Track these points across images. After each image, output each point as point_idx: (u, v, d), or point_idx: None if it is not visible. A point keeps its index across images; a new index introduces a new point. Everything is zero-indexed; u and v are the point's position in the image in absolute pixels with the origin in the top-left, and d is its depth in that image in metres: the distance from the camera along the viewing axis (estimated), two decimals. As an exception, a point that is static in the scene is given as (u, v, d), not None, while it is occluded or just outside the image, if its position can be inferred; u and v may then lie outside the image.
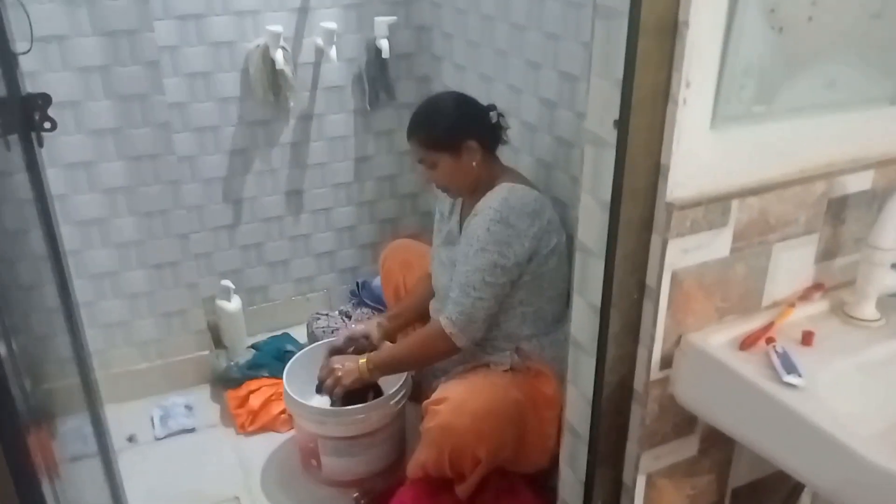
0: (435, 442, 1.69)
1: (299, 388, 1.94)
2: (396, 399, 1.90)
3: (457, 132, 1.73)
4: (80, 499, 1.39)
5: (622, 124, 1.00)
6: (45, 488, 0.99)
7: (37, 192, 1.35)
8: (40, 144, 1.33)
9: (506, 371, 1.76)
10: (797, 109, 1.09)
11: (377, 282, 2.39)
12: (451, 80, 2.33)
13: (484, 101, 1.82)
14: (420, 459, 1.76)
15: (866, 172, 1.17)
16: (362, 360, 1.82)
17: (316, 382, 1.90)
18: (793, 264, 1.18)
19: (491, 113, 1.78)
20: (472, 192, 1.79)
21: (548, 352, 1.77)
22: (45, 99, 1.29)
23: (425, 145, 1.76)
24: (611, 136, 1.04)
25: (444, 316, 1.71)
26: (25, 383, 1.06)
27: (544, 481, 1.83)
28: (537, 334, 1.78)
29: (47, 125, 1.30)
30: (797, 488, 1.36)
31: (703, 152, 1.03)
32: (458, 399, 1.67)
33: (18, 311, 1.30)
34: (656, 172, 1.03)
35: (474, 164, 1.75)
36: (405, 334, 2.07)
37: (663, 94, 0.99)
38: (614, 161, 1.03)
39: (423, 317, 2.02)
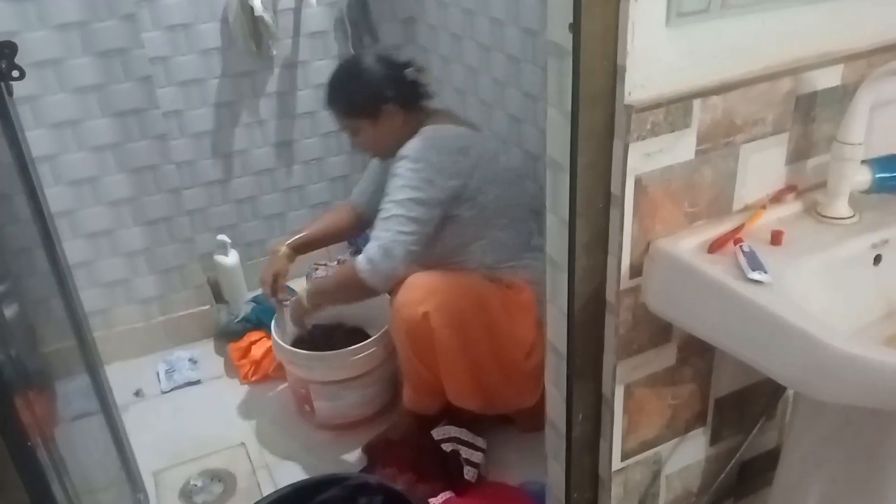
0: (395, 330, 1.73)
1: (289, 336, 1.97)
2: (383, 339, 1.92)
3: (372, 98, 1.73)
4: (86, 453, 1.43)
5: (576, 26, 0.98)
6: (38, 443, 1.02)
7: (11, 142, 1.36)
8: (9, 93, 1.33)
9: (475, 272, 1.77)
10: (759, 3, 1.06)
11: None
12: (435, 17, 2.30)
13: (468, 28, 1.81)
14: (403, 377, 1.80)
15: (835, 68, 1.14)
16: (301, 296, 1.86)
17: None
18: (763, 166, 1.16)
19: (406, 71, 1.76)
20: (399, 150, 1.78)
21: (520, 274, 1.77)
22: (11, 47, 1.28)
23: (342, 114, 1.78)
24: (568, 42, 1.03)
25: (362, 254, 1.67)
26: (14, 347, 1.08)
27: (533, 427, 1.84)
28: (501, 262, 1.78)
29: (15, 73, 1.30)
30: (776, 396, 1.36)
31: (660, 51, 1.01)
32: (411, 279, 1.69)
33: (9, 276, 1.33)
34: (614, 75, 1.01)
35: (395, 126, 1.74)
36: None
37: (615, -8, 0.97)
38: (572, 66, 1.01)
39: (328, 241, 2.08)
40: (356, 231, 2.06)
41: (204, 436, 2.02)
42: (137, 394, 2.19)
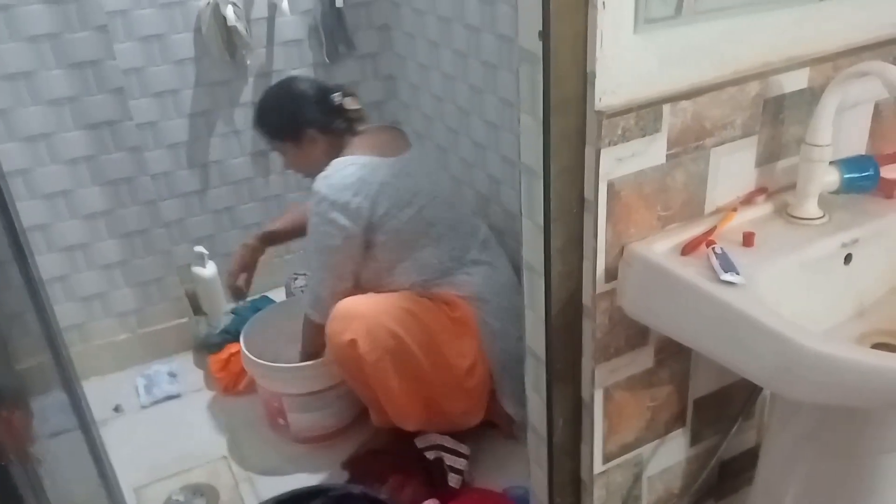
0: (329, 356, 1.77)
1: (261, 348, 1.96)
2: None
3: (294, 122, 1.78)
4: (64, 473, 1.41)
5: (545, 33, 0.99)
6: (16, 468, 1.01)
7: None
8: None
9: (410, 292, 1.78)
10: (725, 8, 1.07)
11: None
12: (411, 25, 2.30)
13: (445, 42, 1.82)
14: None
15: (801, 71, 1.16)
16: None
17: (276, 345, 2.00)
18: (733, 168, 1.18)
19: (333, 96, 1.79)
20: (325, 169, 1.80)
21: (452, 290, 1.77)
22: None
23: (268, 136, 1.86)
24: (539, 49, 1.03)
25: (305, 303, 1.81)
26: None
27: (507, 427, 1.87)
28: (431, 280, 1.78)
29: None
30: (753, 395, 1.38)
31: (629, 57, 1.02)
32: (338, 307, 1.72)
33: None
34: (584, 81, 1.02)
35: (319, 151, 1.78)
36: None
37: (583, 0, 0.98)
38: (542, 73, 1.02)
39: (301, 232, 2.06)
40: None
41: (185, 450, 2.00)
42: (116, 409, 2.17)
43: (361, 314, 1.67)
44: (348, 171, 1.70)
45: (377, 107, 2.51)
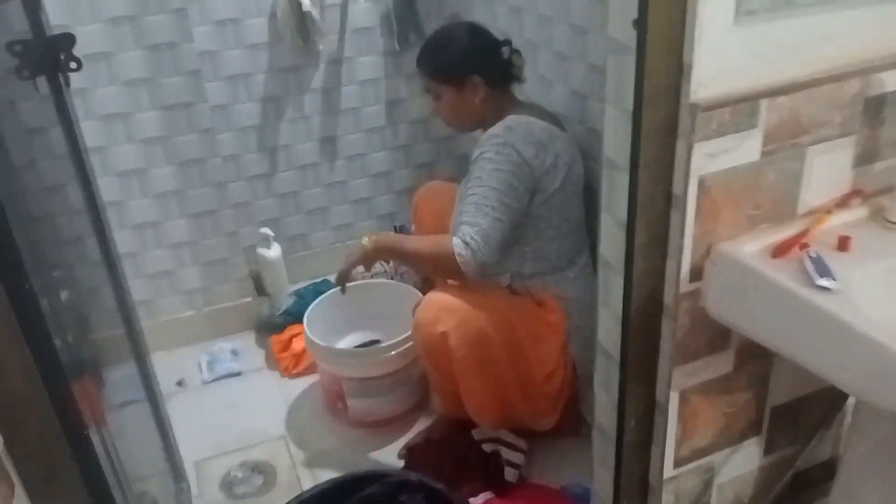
0: (416, 347, 1.71)
1: (322, 332, 1.97)
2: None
3: (461, 66, 1.72)
4: (132, 440, 1.45)
5: (641, 23, 0.96)
6: (93, 432, 1.03)
7: (68, 134, 1.38)
8: (67, 84, 1.35)
9: (504, 288, 1.73)
10: (828, 2, 1.02)
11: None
12: (480, 14, 2.28)
13: (515, 35, 1.79)
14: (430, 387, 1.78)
15: (907, 68, 1.10)
16: (366, 236, 1.73)
17: (337, 328, 1.97)
18: (829, 169, 1.13)
19: (503, 48, 1.73)
20: (477, 128, 1.76)
21: (553, 289, 1.73)
22: (69, 39, 1.30)
23: (430, 75, 1.76)
24: (631, 39, 1.01)
25: (458, 236, 1.58)
26: (69, 335, 1.10)
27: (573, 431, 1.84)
28: (541, 273, 1.73)
29: (73, 65, 1.32)
30: (837, 405, 1.32)
31: (727, 49, 0.98)
32: (431, 297, 1.67)
33: (63, 266, 1.35)
34: (679, 72, 0.99)
35: (476, 100, 1.72)
36: None
37: (683, -12, 0.94)
38: (635, 63, 0.99)
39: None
40: None
41: (245, 427, 2.04)
42: (180, 384, 2.21)
43: (455, 308, 1.63)
44: (533, 129, 1.63)
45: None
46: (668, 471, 1.28)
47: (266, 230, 2.36)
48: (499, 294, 1.72)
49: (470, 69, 1.70)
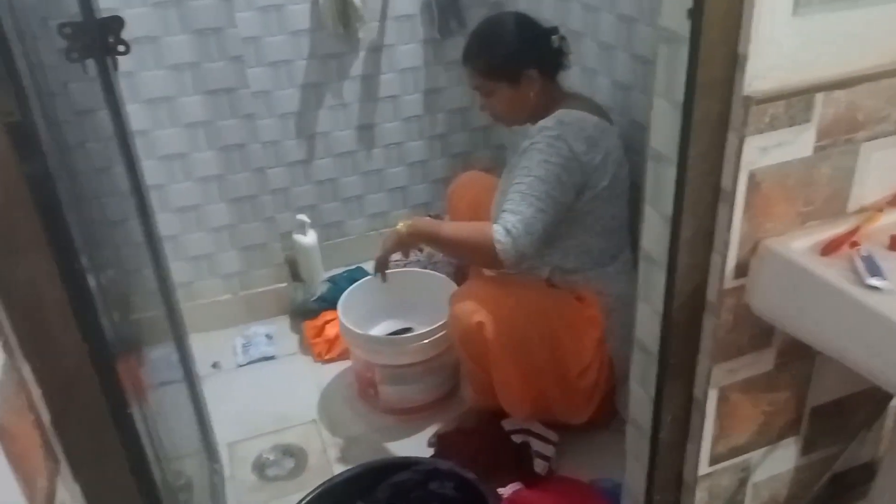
0: (452, 336, 1.68)
1: (355, 319, 1.98)
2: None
3: (516, 60, 1.65)
4: (169, 420, 1.47)
5: (696, 11, 0.94)
6: (135, 411, 1.05)
7: (115, 116, 1.40)
8: (115, 68, 1.37)
9: (543, 280, 1.72)
10: (892, -8, 1.00)
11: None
12: (525, 3, 2.26)
13: (560, 24, 1.75)
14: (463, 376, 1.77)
15: (970, 63, 1.07)
16: (402, 222, 1.70)
17: (371, 315, 1.97)
18: (883, 166, 1.10)
19: (553, 37, 1.68)
20: (529, 121, 1.71)
21: (594, 284, 1.71)
22: (118, 22, 1.32)
23: (482, 73, 1.68)
24: (685, 28, 0.99)
25: (500, 223, 1.55)
26: (114, 314, 1.12)
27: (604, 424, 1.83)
28: (583, 269, 1.71)
29: (121, 48, 1.34)
30: (879, 407, 1.30)
31: (784, 40, 0.96)
32: (467, 286, 1.65)
33: (109, 245, 1.37)
34: (733, 63, 0.97)
35: (532, 94, 1.66)
36: None
37: (740, -23, 0.93)
38: (688, 53, 0.98)
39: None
40: None
41: (277, 411, 2.06)
42: (215, 366, 2.24)
43: (492, 298, 1.63)
44: (586, 124, 1.59)
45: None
46: (704, 468, 1.27)
47: (303, 216, 2.38)
48: (536, 286, 1.71)
49: (525, 63, 1.64)
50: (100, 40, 1.31)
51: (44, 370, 0.92)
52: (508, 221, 1.55)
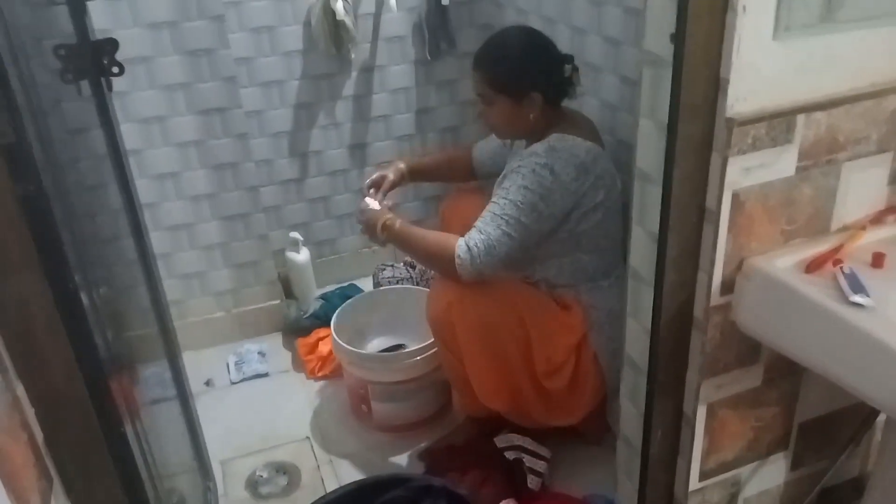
0: (428, 321, 1.72)
1: (348, 336, 1.99)
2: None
3: (524, 80, 1.65)
4: (162, 438, 1.47)
5: (679, 36, 0.97)
6: (128, 428, 1.06)
7: (109, 136, 1.42)
8: (109, 89, 1.39)
9: (527, 283, 1.73)
10: (868, 18, 1.03)
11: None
12: (514, 24, 2.29)
13: (548, 35, 1.76)
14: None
15: (947, 85, 1.10)
16: (383, 219, 1.75)
17: (364, 333, 2.00)
18: (864, 185, 1.12)
19: (567, 66, 1.69)
20: (524, 138, 1.74)
21: (585, 298, 1.73)
22: (113, 44, 1.33)
23: (488, 82, 1.68)
24: (668, 52, 1.01)
25: (464, 239, 1.58)
26: (107, 333, 1.13)
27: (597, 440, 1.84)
28: (574, 284, 1.73)
29: (115, 70, 1.35)
30: (866, 422, 1.31)
31: (765, 64, 0.99)
32: (438, 286, 1.68)
33: (102, 264, 1.38)
34: (716, 86, 1.00)
35: (532, 115, 1.67)
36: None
37: (722, 2, 0.95)
38: (671, 77, 1.00)
39: (442, 176, 2.14)
40: (466, 178, 2.09)
41: (270, 428, 2.06)
42: (208, 383, 2.24)
43: (467, 285, 1.63)
44: (577, 151, 1.60)
45: (475, 106, 2.51)
46: (694, 483, 1.28)
47: (295, 234, 2.39)
48: (515, 282, 1.72)
49: (531, 85, 1.64)
50: (94, 62, 1.33)
51: (37, 389, 0.93)
52: (472, 239, 1.58)
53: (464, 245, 1.58)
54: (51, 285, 0.90)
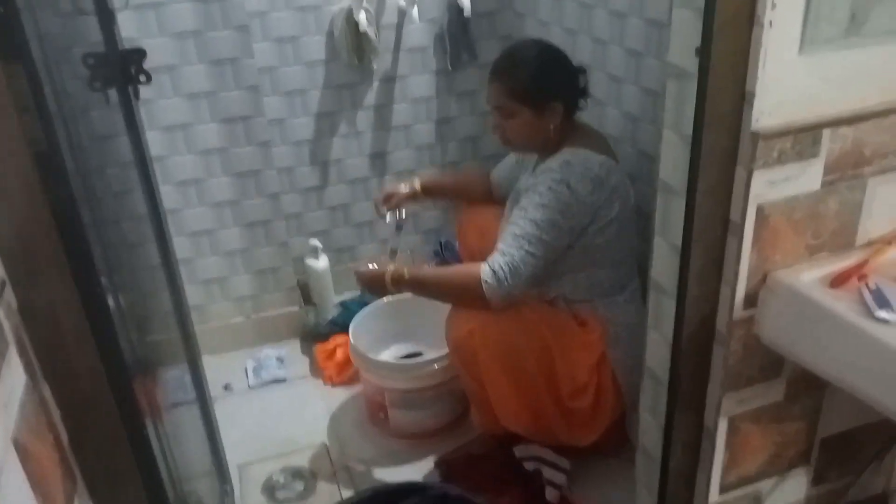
0: (448, 346, 1.72)
1: (366, 343, 2.00)
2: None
3: (547, 90, 1.65)
4: (182, 441, 1.49)
5: (704, 50, 0.97)
6: (150, 430, 1.07)
7: (135, 144, 1.44)
8: (137, 97, 1.41)
9: (544, 303, 1.72)
10: (894, 32, 1.02)
11: (460, 242, 2.40)
12: (535, 35, 2.30)
13: (570, 53, 1.76)
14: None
15: (975, 100, 1.09)
16: (388, 273, 1.70)
17: (382, 340, 2.01)
18: (891, 200, 1.11)
19: (581, 76, 1.70)
20: (538, 152, 1.74)
21: (601, 312, 1.72)
22: (141, 53, 1.36)
23: (508, 92, 1.66)
24: (693, 65, 1.01)
25: (487, 264, 1.58)
26: (132, 336, 1.14)
27: (615, 452, 1.83)
28: (590, 300, 1.72)
29: (143, 78, 1.37)
30: (891, 439, 1.30)
31: (791, 78, 0.98)
32: (460, 312, 1.67)
33: (127, 269, 1.40)
34: (741, 100, 0.99)
35: (552, 126, 1.66)
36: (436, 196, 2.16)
37: (748, 17, 0.95)
38: (696, 90, 1.00)
39: (458, 195, 2.15)
40: (482, 200, 2.06)
41: (287, 433, 2.07)
42: (226, 388, 2.26)
43: (473, 318, 1.65)
44: (591, 164, 1.60)
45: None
46: (714, 497, 1.27)
47: (315, 241, 2.41)
48: (534, 305, 1.72)
49: (554, 95, 1.64)
50: (122, 71, 1.35)
51: (63, 392, 0.94)
52: (497, 262, 1.57)
53: (488, 269, 1.57)
54: (79, 290, 0.91)
